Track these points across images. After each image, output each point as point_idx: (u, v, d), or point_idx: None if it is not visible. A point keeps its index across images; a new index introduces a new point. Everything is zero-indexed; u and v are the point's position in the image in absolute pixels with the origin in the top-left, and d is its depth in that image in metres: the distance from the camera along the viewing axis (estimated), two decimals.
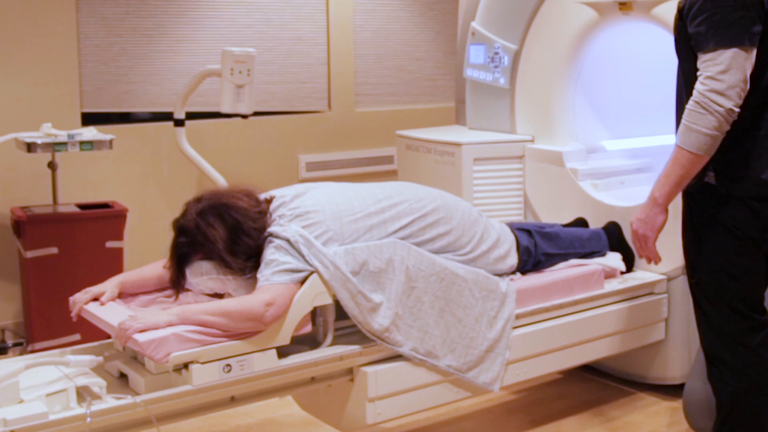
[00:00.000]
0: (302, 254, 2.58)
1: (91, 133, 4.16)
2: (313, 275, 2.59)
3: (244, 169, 5.05)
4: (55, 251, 4.00)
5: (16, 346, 4.26)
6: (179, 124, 4.48)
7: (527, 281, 3.08)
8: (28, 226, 3.99)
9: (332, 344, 2.72)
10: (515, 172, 3.91)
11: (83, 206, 4.25)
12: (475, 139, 3.93)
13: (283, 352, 2.61)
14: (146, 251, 4.28)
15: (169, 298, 2.73)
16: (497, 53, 4.03)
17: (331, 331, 2.72)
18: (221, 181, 4.52)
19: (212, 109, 4.82)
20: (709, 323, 2.55)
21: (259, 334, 2.51)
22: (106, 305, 2.64)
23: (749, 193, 2.41)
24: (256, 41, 5.07)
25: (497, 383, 2.90)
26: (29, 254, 3.98)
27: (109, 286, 2.70)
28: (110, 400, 2.36)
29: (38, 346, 3.96)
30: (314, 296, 2.60)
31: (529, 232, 3.18)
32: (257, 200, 2.73)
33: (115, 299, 2.68)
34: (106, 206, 4.27)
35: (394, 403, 2.76)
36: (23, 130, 4.18)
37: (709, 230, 2.49)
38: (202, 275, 2.65)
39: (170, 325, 2.43)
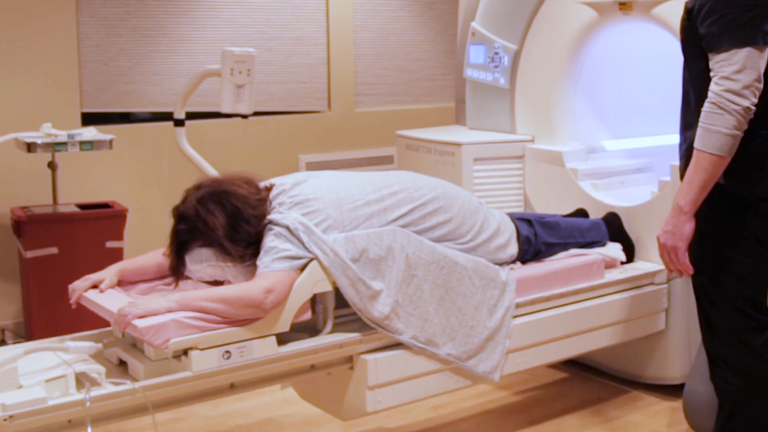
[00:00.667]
0: (302, 241, 2.58)
1: (91, 133, 4.16)
2: (312, 262, 2.59)
3: (244, 169, 5.03)
4: (55, 251, 4.00)
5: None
6: (179, 124, 4.48)
7: (527, 270, 3.08)
8: (28, 226, 3.99)
9: (332, 332, 2.71)
10: (515, 172, 3.91)
11: (83, 206, 4.25)
12: (475, 139, 3.93)
13: (282, 339, 2.60)
14: (146, 251, 4.27)
15: (168, 285, 2.73)
16: (497, 53, 4.03)
17: (330, 318, 2.71)
18: None
19: (212, 109, 4.82)
20: (712, 323, 2.55)
21: (258, 320, 2.51)
22: (105, 292, 2.64)
23: (759, 194, 2.40)
24: (256, 41, 5.07)
25: (497, 372, 2.89)
26: (29, 254, 3.98)
27: (108, 273, 2.70)
28: (109, 386, 2.36)
29: None
30: (314, 283, 2.60)
31: (529, 221, 3.18)
32: (257, 188, 2.73)
33: (114, 287, 2.68)
34: (106, 206, 4.28)
35: (393, 391, 2.75)
36: (23, 130, 4.18)
37: (715, 230, 2.48)
38: (201, 262, 2.64)
39: (170, 311, 2.42)
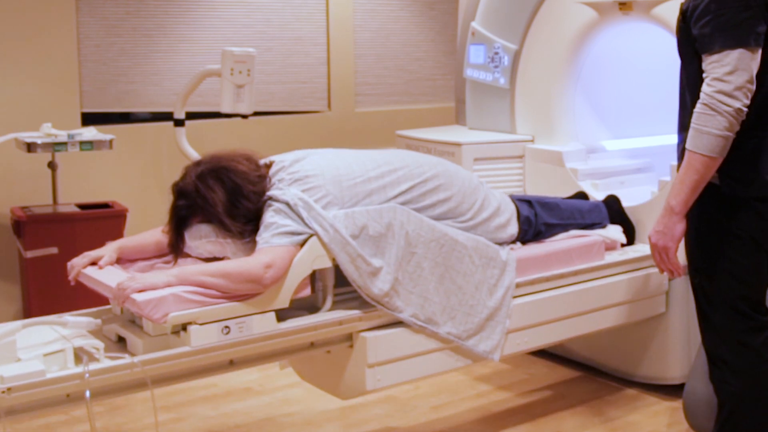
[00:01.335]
0: (301, 217, 2.57)
1: (91, 133, 4.16)
2: (312, 238, 2.58)
3: None
4: (55, 251, 4.01)
5: None
6: (179, 124, 4.48)
7: (527, 251, 3.06)
8: (28, 226, 3.99)
9: (332, 309, 2.69)
10: (515, 172, 3.92)
11: (83, 206, 4.25)
12: (475, 139, 3.93)
13: (282, 316, 2.58)
14: None
15: (167, 264, 2.72)
16: (497, 53, 4.03)
17: (330, 295, 2.70)
18: None
19: (212, 109, 4.83)
20: (711, 323, 2.55)
21: (258, 296, 2.49)
22: (104, 269, 2.62)
23: (754, 194, 2.41)
24: (256, 41, 5.07)
25: (497, 352, 2.88)
26: (29, 254, 3.99)
27: (107, 250, 2.69)
28: (108, 361, 2.34)
29: None
30: (313, 259, 2.58)
31: (529, 202, 3.17)
32: (257, 164, 2.72)
33: (113, 264, 2.67)
34: (106, 206, 4.28)
35: (393, 369, 2.73)
36: (23, 130, 4.18)
37: (712, 231, 2.48)
38: (201, 238, 2.63)
39: (169, 285, 2.41)
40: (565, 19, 3.78)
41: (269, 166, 2.74)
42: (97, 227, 4.10)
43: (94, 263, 2.66)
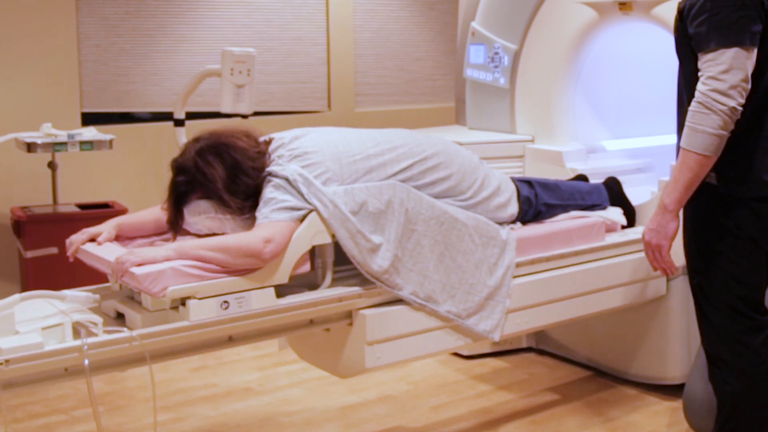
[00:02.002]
0: (301, 193, 2.56)
1: (91, 133, 4.17)
2: (312, 214, 2.56)
3: None
4: (55, 251, 4.01)
5: None
6: (179, 124, 4.49)
7: (528, 230, 3.05)
8: (28, 226, 4.00)
9: (331, 287, 2.68)
10: (515, 172, 3.91)
11: (83, 206, 4.26)
12: (475, 139, 3.93)
13: (281, 294, 2.57)
14: None
15: (166, 242, 2.70)
16: (497, 53, 4.03)
17: (330, 271, 2.68)
18: None
19: (212, 109, 4.83)
20: (710, 324, 2.55)
21: (257, 271, 2.48)
22: (103, 245, 2.61)
23: (751, 193, 2.41)
24: (256, 41, 5.07)
25: (497, 331, 2.87)
26: (29, 254, 3.99)
27: (106, 227, 2.68)
28: (106, 335, 2.32)
29: None
30: (313, 234, 2.57)
31: (529, 182, 3.15)
32: (256, 141, 2.71)
33: (112, 240, 2.65)
34: (106, 206, 4.28)
35: (393, 347, 2.71)
36: (23, 130, 4.19)
37: (710, 231, 2.48)
38: (200, 214, 2.61)
39: (168, 259, 2.39)
40: (565, 19, 3.78)
41: (269, 142, 2.73)
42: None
43: (92, 240, 2.64)
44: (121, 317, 2.49)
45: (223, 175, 2.58)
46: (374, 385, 3.79)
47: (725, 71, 2.29)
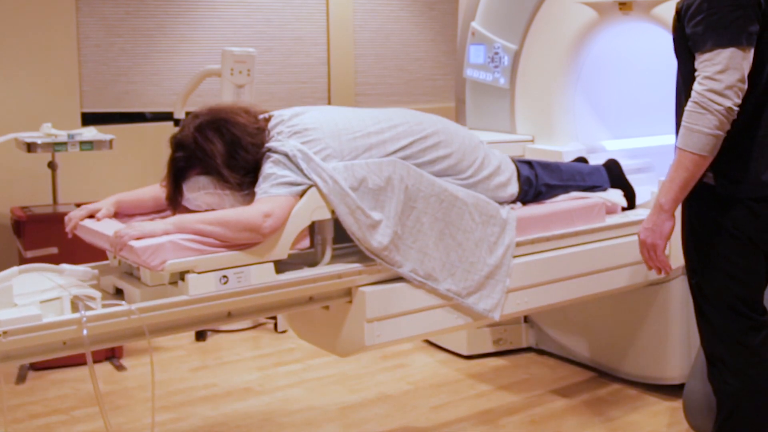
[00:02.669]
0: (300, 168, 2.55)
1: (91, 133, 4.17)
2: (311, 189, 2.55)
3: None
4: (55, 251, 4.00)
5: None
6: (179, 124, 4.48)
7: (528, 210, 3.03)
8: (28, 226, 3.99)
9: (331, 263, 2.66)
10: None
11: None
12: None
13: (280, 271, 2.55)
14: None
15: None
16: (497, 53, 4.03)
17: (329, 248, 2.66)
18: None
19: None
20: (709, 324, 2.55)
21: (256, 246, 2.46)
22: (101, 221, 2.60)
23: (749, 194, 2.41)
24: (256, 41, 5.08)
25: (497, 311, 2.85)
26: (29, 254, 3.99)
27: (105, 203, 2.67)
28: (105, 309, 2.31)
29: None
30: (312, 210, 2.56)
31: (530, 163, 3.14)
32: (255, 117, 2.70)
33: (111, 217, 2.64)
34: None
35: (393, 325, 2.70)
36: (23, 130, 4.19)
37: (708, 231, 2.48)
38: (199, 190, 2.60)
39: (167, 233, 2.38)
40: (565, 19, 3.78)
41: (268, 119, 2.72)
42: None
43: (91, 216, 2.63)
44: (119, 293, 2.47)
45: (222, 150, 2.56)
46: (374, 385, 3.79)
47: (721, 71, 2.29)
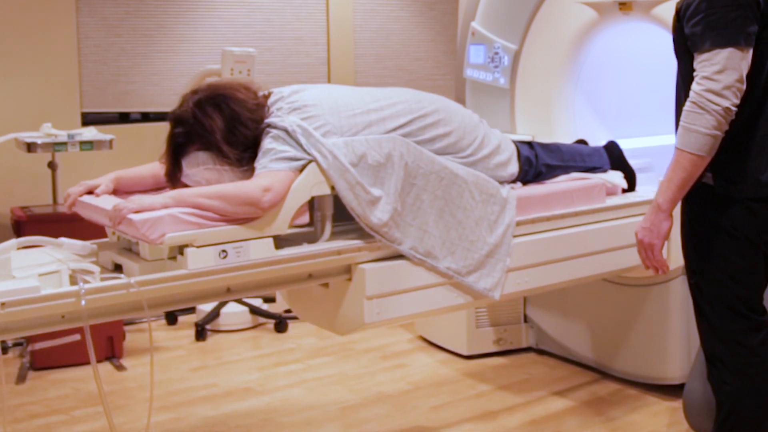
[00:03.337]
0: (300, 143, 2.54)
1: (91, 133, 4.17)
2: (311, 165, 2.54)
3: None
4: None
5: (16, 346, 4.26)
6: None
7: (528, 190, 3.03)
8: (28, 226, 3.99)
9: (330, 240, 2.65)
10: None
11: None
12: None
13: (280, 248, 2.54)
14: None
15: None
16: (497, 53, 4.03)
17: (329, 224, 2.65)
18: None
19: None
20: (708, 324, 2.55)
21: (256, 220, 2.46)
22: (101, 197, 2.59)
23: (748, 194, 2.41)
24: (256, 41, 5.07)
25: (498, 290, 2.84)
26: None
27: (104, 180, 2.67)
28: (104, 282, 2.30)
29: (38, 346, 3.95)
30: (312, 185, 2.54)
31: (530, 143, 3.14)
32: (255, 93, 2.69)
33: (110, 193, 2.64)
34: None
35: (393, 302, 2.68)
36: (23, 130, 4.19)
37: (707, 231, 2.48)
38: (198, 165, 2.59)
39: (166, 207, 2.37)
40: (565, 19, 3.78)
41: (267, 96, 2.72)
42: (97, 227, 4.08)
43: (90, 192, 2.63)
44: (118, 269, 2.46)
45: (221, 126, 2.56)
46: (374, 385, 3.80)
47: (720, 71, 2.29)
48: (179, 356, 4.19)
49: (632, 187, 3.41)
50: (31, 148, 3.97)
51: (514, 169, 2.99)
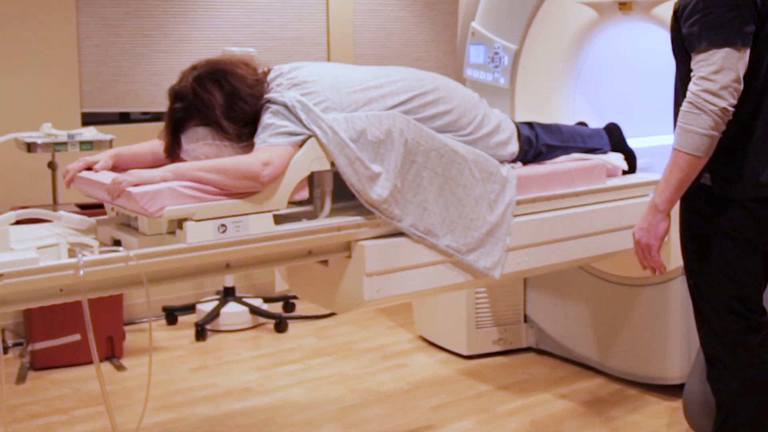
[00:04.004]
0: (300, 119, 2.54)
1: (91, 133, 4.16)
2: (311, 140, 2.54)
3: None
4: None
5: (16, 346, 4.27)
6: None
7: (528, 170, 3.02)
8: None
9: (330, 217, 2.65)
10: None
11: (83, 206, 4.25)
12: None
13: (279, 224, 2.54)
14: None
15: None
16: (497, 53, 4.03)
17: (328, 200, 2.65)
18: None
19: None
20: (708, 324, 2.55)
21: (255, 195, 2.45)
22: (100, 173, 2.59)
23: (746, 194, 2.41)
24: (256, 41, 5.07)
25: (497, 269, 2.84)
26: None
27: (103, 156, 2.66)
28: (102, 255, 2.29)
29: (38, 346, 3.96)
30: (312, 160, 2.54)
31: (530, 124, 3.14)
32: (255, 69, 2.70)
33: (109, 170, 2.63)
34: None
35: (392, 280, 2.67)
36: (23, 130, 4.18)
37: (706, 232, 2.48)
38: (197, 140, 2.59)
39: (165, 180, 2.37)
40: (565, 19, 3.78)
41: (267, 72, 2.72)
42: None
43: (89, 168, 2.63)
44: (117, 244, 2.45)
45: (221, 101, 2.56)
46: (374, 385, 3.80)
47: (716, 72, 2.29)
48: (179, 356, 4.19)
49: (633, 168, 3.40)
50: (31, 148, 3.97)
51: (514, 148, 2.99)
